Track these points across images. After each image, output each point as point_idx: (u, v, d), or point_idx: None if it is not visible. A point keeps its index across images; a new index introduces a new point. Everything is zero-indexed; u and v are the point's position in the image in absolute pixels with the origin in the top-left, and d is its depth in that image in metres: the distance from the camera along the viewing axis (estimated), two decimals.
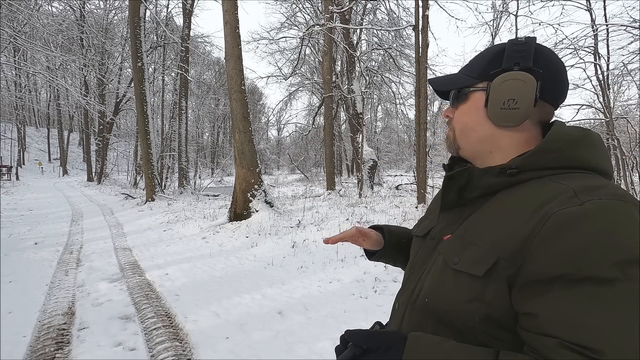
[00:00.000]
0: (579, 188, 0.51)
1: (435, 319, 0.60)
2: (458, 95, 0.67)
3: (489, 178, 0.61)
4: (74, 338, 2.78)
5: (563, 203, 0.50)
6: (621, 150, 6.32)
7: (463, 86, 0.66)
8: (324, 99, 14.03)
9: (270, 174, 32.82)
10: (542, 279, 0.48)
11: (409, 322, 0.65)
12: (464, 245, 0.59)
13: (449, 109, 0.70)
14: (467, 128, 0.66)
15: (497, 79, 0.61)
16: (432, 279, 0.62)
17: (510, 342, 0.53)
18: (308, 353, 2.51)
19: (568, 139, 0.58)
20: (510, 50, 0.61)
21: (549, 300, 0.47)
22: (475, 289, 0.55)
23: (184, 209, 9.53)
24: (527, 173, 0.58)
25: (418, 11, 7.81)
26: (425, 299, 0.62)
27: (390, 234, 0.92)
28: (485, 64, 0.64)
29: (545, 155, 0.57)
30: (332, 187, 13.26)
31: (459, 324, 0.57)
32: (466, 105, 0.66)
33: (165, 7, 17.77)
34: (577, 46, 7.20)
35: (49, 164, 37.37)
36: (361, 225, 6.30)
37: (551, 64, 0.61)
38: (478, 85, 0.64)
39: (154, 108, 17.77)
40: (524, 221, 0.52)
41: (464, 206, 0.65)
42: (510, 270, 0.51)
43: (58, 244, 6.16)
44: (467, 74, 0.67)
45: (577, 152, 0.57)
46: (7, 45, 12.92)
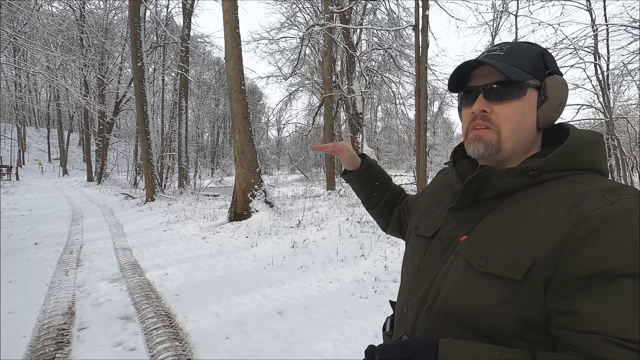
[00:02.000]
0: (604, 188, 0.53)
1: (457, 322, 0.58)
2: (511, 89, 0.61)
3: (508, 179, 0.60)
4: (74, 338, 2.78)
5: (596, 203, 0.51)
6: (621, 150, 6.33)
7: (523, 79, 0.61)
8: (324, 99, 14.03)
9: (270, 174, 32.81)
10: (582, 276, 0.48)
11: (426, 327, 0.63)
12: (489, 247, 0.58)
13: (485, 102, 0.62)
14: (522, 129, 0.62)
15: (553, 79, 0.62)
16: (453, 282, 0.60)
17: (540, 344, 0.53)
18: (308, 353, 2.51)
19: (587, 143, 0.60)
20: (548, 55, 0.64)
21: (591, 297, 0.47)
22: (508, 292, 0.53)
23: (184, 209, 9.53)
24: (546, 174, 0.59)
25: (418, 11, 7.81)
26: (446, 304, 0.60)
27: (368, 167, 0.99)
28: (535, 61, 0.62)
29: (567, 158, 0.58)
30: (332, 187, 13.25)
31: (487, 327, 0.55)
32: (521, 102, 0.61)
33: (165, 7, 17.78)
34: (577, 46, 7.20)
35: (49, 164, 37.36)
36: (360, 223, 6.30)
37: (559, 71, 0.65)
38: (532, 83, 0.62)
39: (154, 108, 17.77)
40: (558, 222, 0.52)
41: (475, 207, 0.64)
42: (548, 272, 0.51)
43: (58, 244, 6.16)
44: (518, 66, 0.61)
45: (591, 155, 0.60)
46: (7, 45, 12.91)
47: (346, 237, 5.55)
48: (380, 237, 5.47)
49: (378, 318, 2.96)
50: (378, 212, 1.05)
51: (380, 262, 4.48)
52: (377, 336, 2.67)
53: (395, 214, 1.02)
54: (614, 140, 6.44)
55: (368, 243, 5.18)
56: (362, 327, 2.83)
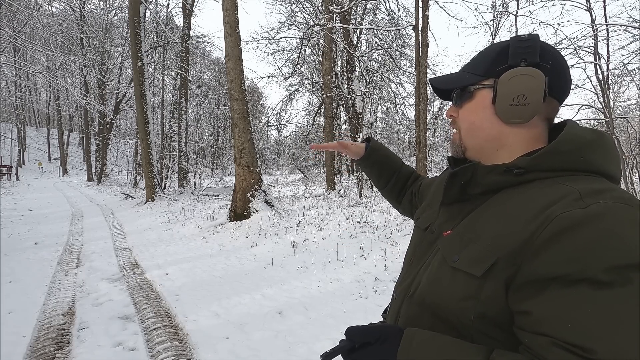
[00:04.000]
0: (584, 191, 0.51)
1: (431, 313, 0.60)
2: (462, 93, 0.66)
3: (493, 176, 0.60)
4: (74, 338, 2.78)
5: (567, 206, 0.49)
6: (621, 150, 6.33)
7: (468, 84, 0.65)
8: (324, 99, 14.03)
9: (270, 174, 32.82)
10: (540, 279, 0.48)
11: (406, 314, 0.66)
12: (463, 243, 0.59)
13: (452, 108, 0.69)
14: (474, 127, 0.65)
15: (504, 75, 0.60)
16: (430, 275, 0.63)
17: (505, 342, 0.53)
18: (308, 353, 2.51)
19: (581, 142, 0.57)
20: (515, 47, 0.61)
21: (545, 300, 0.47)
22: (471, 288, 0.55)
23: (183, 209, 9.53)
24: (533, 173, 0.57)
25: (418, 11, 7.81)
26: (422, 294, 0.63)
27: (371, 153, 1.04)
28: (490, 60, 0.63)
29: (555, 157, 0.56)
30: (332, 187, 13.26)
31: (455, 321, 0.57)
32: (472, 104, 0.65)
33: (165, 7, 17.78)
34: (577, 46, 7.20)
35: (49, 164, 37.36)
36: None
37: (556, 59, 0.61)
38: (484, 82, 0.63)
39: (154, 108, 17.77)
40: (526, 222, 0.52)
41: (465, 202, 0.65)
42: (509, 271, 0.51)
43: (58, 244, 6.16)
44: (471, 71, 0.66)
45: (587, 155, 0.56)
46: (7, 45, 12.91)
47: (346, 237, 5.55)
48: (380, 237, 5.47)
49: (378, 318, 2.95)
50: (387, 193, 1.10)
51: (380, 262, 4.48)
52: None
53: (407, 196, 1.05)
54: (614, 141, 6.46)
55: (368, 243, 5.18)
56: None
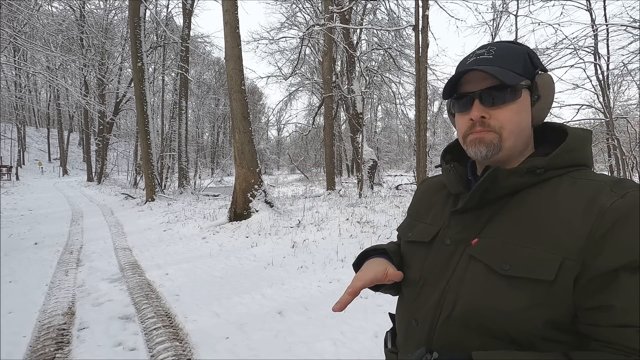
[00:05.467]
0: (609, 182, 0.55)
1: (481, 331, 0.56)
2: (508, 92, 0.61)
3: (515, 178, 0.60)
4: (74, 338, 2.78)
5: (610, 197, 0.52)
6: (621, 150, 6.32)
7: (517, 82, 0.61)
8: (324, 99, 14.03)
9: (270, 174, 32.82)
10: (608, 270, 0.49)
11: (445, 339, 0.60)
12: (508, 249, 0.56)
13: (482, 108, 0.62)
14: (521, 128, 0.62)
15: (543, 79, 0.63)
16: (474, 288, 0.58)
17: (571, 344, 0.52)
18: (308, 353, 2.51)
19: (583, 139, 0.62)
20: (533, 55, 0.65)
21: (619, 290, 0.48)
22: (538, 293, 0.52)
23: (183, 209, 9.53)
24: (550, 172, 0.60)
25: (418, 11, 7.81)
26: (467, 312, 0.58)
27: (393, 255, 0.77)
28: (523, 62, 0.63)
29: (568, 155, 0.60)
30: (332, 187, 13.26)
31: (514, 333, 0.54)
32: (518, 104, 0.62)
33: (165, 7, 17.78)
34: (577, 46, 7.20)
35: (49, 164, 37.36)
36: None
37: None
38: (523, 82, 0.62)
39: (154, 108, 17.78)
40: (580, 218, 0.52)
41: (480, 208, 0.63)
42: (576, 269, 0.51)
43: (58, 244, 6.16)
44: (510, 69, 0.62)
45: (584, 151, 0.62)
46: (7, 45, 12.91)
47: (346, 237, 5.55)
48: (380, 237, 5.47)
49: (378, 318, 2.96)
50: None
51: None
52: (378, 336, 2.67)
53: None
54: (614, 140, 6.43)
55: (368, 243, 5.18)
56: (362, 327, 2.82)
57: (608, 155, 7.97)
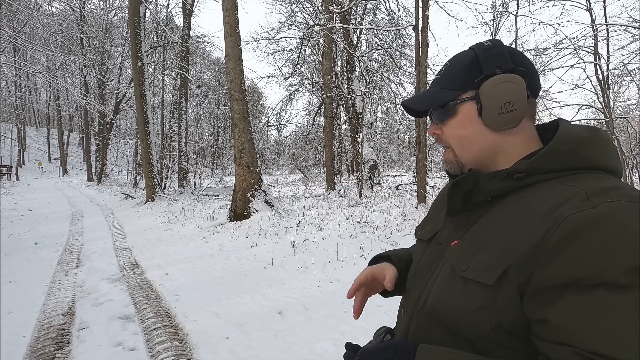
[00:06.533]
0: (591, 190, 0.49)
1: (443, 327, 0.58)
2: (443, 111, 0.64)
3: (495, 182, 0.59)
4: (74, 338, 2.78)
5: (575, 207, 0.48)
6: (621, 150, 6.33)
7: (447, 101, 0.63)
8: (324, 99, 14.03)
9: (270, 174, 32.80)
10: (555, 285, 0.46)
11: (416, 330, 0.64)
12: (472, 251, 0.57)
13: (434, 126, 0.67)
14: (466, 141, 0.63)
15: (485, 85, 0.60)
16: (440, 287, 0.61)
17: (524, 351, 0.51)
18: (308, 353, 2.51)
19: (578, 140, 0.56)
20: (485, 56, 0.61)
21: (562, 307, 0.45)
22: (485, 297, 0.53)
23: (183, 209, 9.53)
24: (535, 176, 0.56)
25: (418, 11, 7.81)
26: (432, 307, 0.61)
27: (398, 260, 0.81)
28: (464, 73, 0.62)
29: (555, 158, 0.56)
30: (332, 187, 13.25)
31: (469, 333, 0.55)
32: (457, 119, 0.63)
33: (165, 7, 17.79)
34: (577, 46, 7.20)
35: (49, 164, 37.36)
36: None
37: (526, 60, 0.61)
38: (464, 96, 0.62)
39: (154, 108, 17.77)
40: (535, 226, 0.50)
41: (470, 211, 0.63)
42: (522, 278, 0.49)
43: (58, 244, 6.16)
44: (446, 87, 0.64)
45: (587, 153, 0.56)
46: (7, 45, 12.91)
47: (346, 237, 5.55)
48: (380, 237, 5.47)
49: (378, 318, 2.96)
50: None
51: None
52: None
53: None
54: (614, 141, 6.44)
55: (368, 243, 5.18)
56: (362, 327, 2.82)
57: None
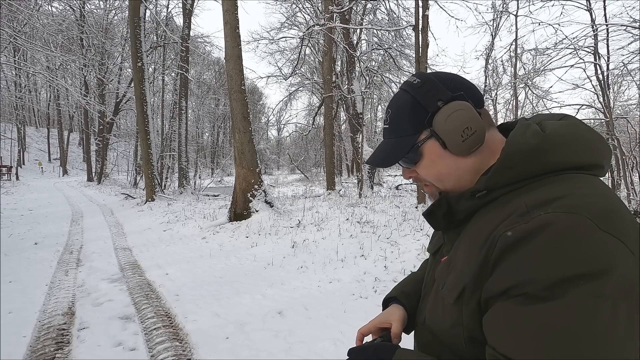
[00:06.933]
0: (533, 203, 0.51)
1: (439, 342, 0.62)
2: (410, 157, 0.65)
3: (464, 202, 0.61)
4: (74, 338, 2.78)
5: (512, 223, 0.50)
6: (621, 150, 6.31)
7: (410, 147, 0.64)
8: (324, 99, 14.03)
9: (270, 174, 32.81)
10: (493, 295, 0.50)
11: (420, 341, 0.70)
12: (449, 270, 0.60)
13: (408, 170, 0.68)
14: (443, 175, 0.63)
15: (436, 122, 0.61)
16: (429, 304, 0.66)
17: None
18: (308, 353, 2.51)
19: (525, 151, 0.55)
20: (422, 95, 0.62)
21: (491, 313, 0.50)
22: (454, 315, 0.56)
23: (183, 209, 9.53)
24: (495, 192, 0.57)
25: (418, 11, 7.82)
26: (427, 323, 0.66)
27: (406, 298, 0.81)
28: (411, 117, 0.63)
29: (505, 173, 0.56)
30: (332, 187, 13.25)
31: (452, 347, 0.59)
32: (426, 160, 0.64)
33: (165, 7, 17.79)
34: (577, 46, 7.20)
35: (49, 164, 37.35)
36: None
37: (459, 82, 0.63)
38: (421, 137, 0.63)
39: (154, 108, 17.76)
40: (481, 246, 0.53)
41: (458, 227, 0.65)
42: (477, 295, 0.53)
43: (58, 244, 6.16)
44: (399, 135, 0.65)
45: (541, 159, 0.55)
46: (7, 45, 12.91)
47: (346, 237, 5.55)
48: (380, 237, 5.47)
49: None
50: None
51: (380, 262, 4.48)
52: None
53: None
54: (614, 140, 6.43)
55: (368, 243, 5.18)
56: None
57: None
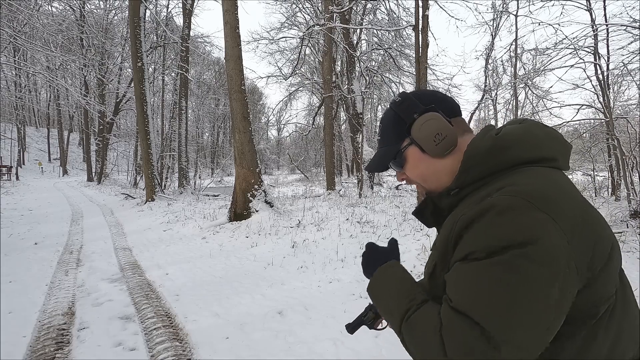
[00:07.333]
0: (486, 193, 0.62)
1: None
2: (397, 162, 0.79)
3: (445, 199, 0.73)
4: (74, 338, 2.78)
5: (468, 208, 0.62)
6: (621, 150, 6.30)
7: (395, 153, 0.78)
8: (324, 99, 14.02)
9: (270, 174, 32.81)
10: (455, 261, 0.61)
11: None
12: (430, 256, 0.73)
13: (399, 173, 0.82)
14: (425, 175, 0.77)
15: (413, 131, 0.74)
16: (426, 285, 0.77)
17: None
18: (308, 353, 2.51)
19: (482, 153, 0.67)
20: (401, 109, 0.76)
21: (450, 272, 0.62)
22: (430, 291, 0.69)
23: (183, 209, 9.52)
24: (465, 189, 0.69)
25: (418, 11, 7.81)
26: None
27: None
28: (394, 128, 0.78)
29: (468, 174, 0.68)
30: (332, 187, 13.24)
31: None
32: (410, 164, 0.78)
33: (165, 7, 17.76)
34: (577, 46, 7.19)
35: (49, 164, 37.34)
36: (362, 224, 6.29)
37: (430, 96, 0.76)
38: (403, 144, 0.77)
39: (154, 108, 17.76)
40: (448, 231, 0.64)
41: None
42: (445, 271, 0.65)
43: (58, 244, 6.16)
44: (387, 145, 0.80)
45: (495, 159, 0.66)
46: (7, 45, 12.91)
47: (346, 237, 5.55)
48: (380, 237, 5.46)
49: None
50: None
51: None
52: (378, 336, 2.67)
53: None
54: (614, 140, 6.42)
55: None
56: (362, 327, 2.82)
57: (608, 155, 7.95)
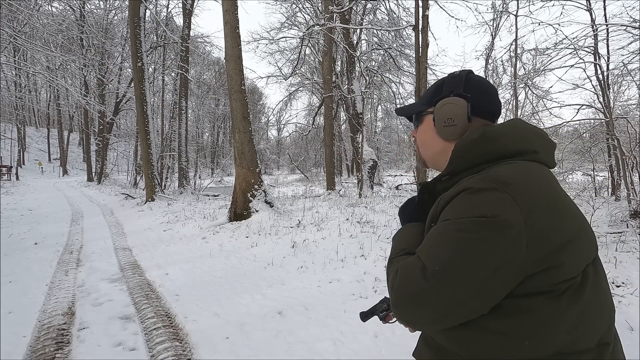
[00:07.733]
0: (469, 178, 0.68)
1: None
2: (416, 118, 0.86)
3: (438, 184, 0.78)
4: (74, 338, 2.78)
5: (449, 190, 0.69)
6: (621, 150, 6.29)
7: (419, 111, 0.85)
8: (324, 99, 14.02)
9: (270, 174, 32.80)
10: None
11: None
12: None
13: (413, 130, 0.88)
14: (425, 144, 0.84)
15: (438, 104, 0.78)
16: None
17: None
18: (308, 353, 2.51)
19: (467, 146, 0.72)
20: (448, 82, 0.79)
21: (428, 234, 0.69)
22: None
23: (183, 209, 9.52)
24: (457, 176, 0.73)
25: (418, 11, 7.81)
26: None
27: None
28: (432, 93, 0.82)
29: (459, 161, 0.73)
30: (332, 187, 13.24)
31: None
32: (422, 127, 0.84)
33: (165, 7, 17.76)
34: (577, 46, 7.18)
35: (49, 164, 37.34)
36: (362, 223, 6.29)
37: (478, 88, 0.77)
38: (428, 110, 0.82)
39: (154, 108, 17.75)
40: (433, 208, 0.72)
41: None
42: None
43: (58, 244, 6.16)
44: (422, 102, 0.85)
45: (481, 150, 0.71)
46: (7, 45, 12.90)
47: (346, 237, 5.55)
48: (380, 237, 5.46)
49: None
50: None
51: (380, 262, 4.47)
52: (378, 336, 2.67)
53: None
54: (614, 140, 6.41)
55: (368, 243, 5.18)
56: (362, 327, 2.82)
57: (608, 155, 7.94)
